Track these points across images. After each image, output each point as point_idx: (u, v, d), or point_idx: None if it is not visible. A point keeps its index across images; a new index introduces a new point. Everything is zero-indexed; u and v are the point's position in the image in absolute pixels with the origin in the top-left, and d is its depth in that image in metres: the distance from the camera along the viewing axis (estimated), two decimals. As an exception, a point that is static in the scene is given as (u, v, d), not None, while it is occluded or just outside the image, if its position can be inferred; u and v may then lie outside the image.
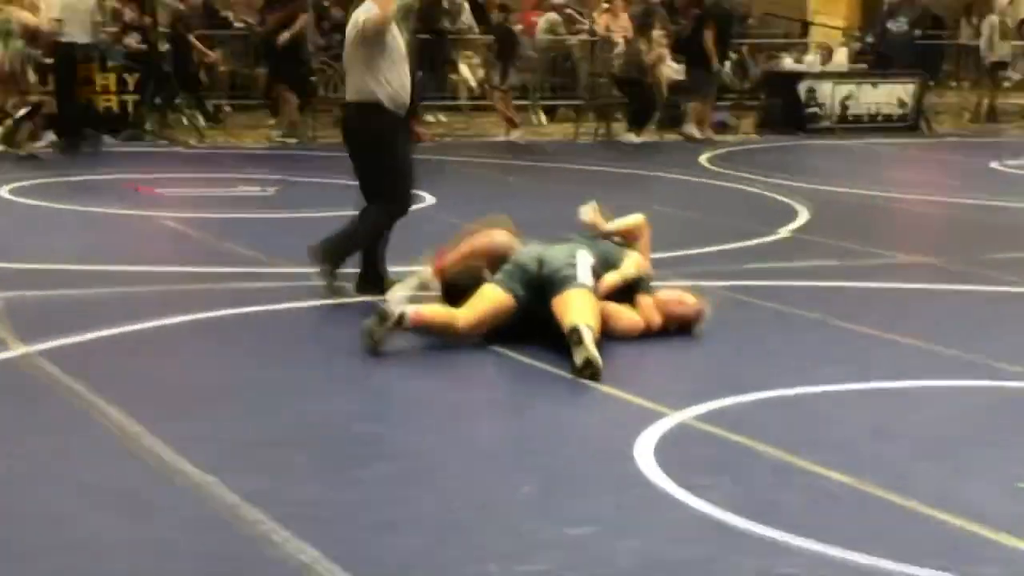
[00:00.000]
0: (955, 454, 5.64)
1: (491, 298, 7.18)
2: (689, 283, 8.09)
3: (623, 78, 18.01)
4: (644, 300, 7.48)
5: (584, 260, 7.17)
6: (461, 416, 6.04)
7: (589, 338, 6.56)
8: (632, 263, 7.41)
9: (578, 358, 6.53)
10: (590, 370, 6.49)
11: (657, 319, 7.48)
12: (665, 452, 5.52)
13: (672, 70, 18.58)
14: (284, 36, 16.57)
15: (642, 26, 18.30)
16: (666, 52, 18.45)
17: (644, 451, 5.52)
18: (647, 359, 7.22)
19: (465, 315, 7.13)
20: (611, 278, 7.37)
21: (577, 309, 6.85)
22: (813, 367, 7.09)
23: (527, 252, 7.29)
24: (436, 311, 7.17)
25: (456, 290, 7.38)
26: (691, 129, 18.19)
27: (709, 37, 17.83)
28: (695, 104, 18.35)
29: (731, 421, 5.98)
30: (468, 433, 5.77)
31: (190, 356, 6.96)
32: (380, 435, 5.66)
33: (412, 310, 6.99)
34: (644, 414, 6.05)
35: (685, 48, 18.64)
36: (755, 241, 10.36)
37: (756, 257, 9.72)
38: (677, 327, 7.53)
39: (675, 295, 7.61)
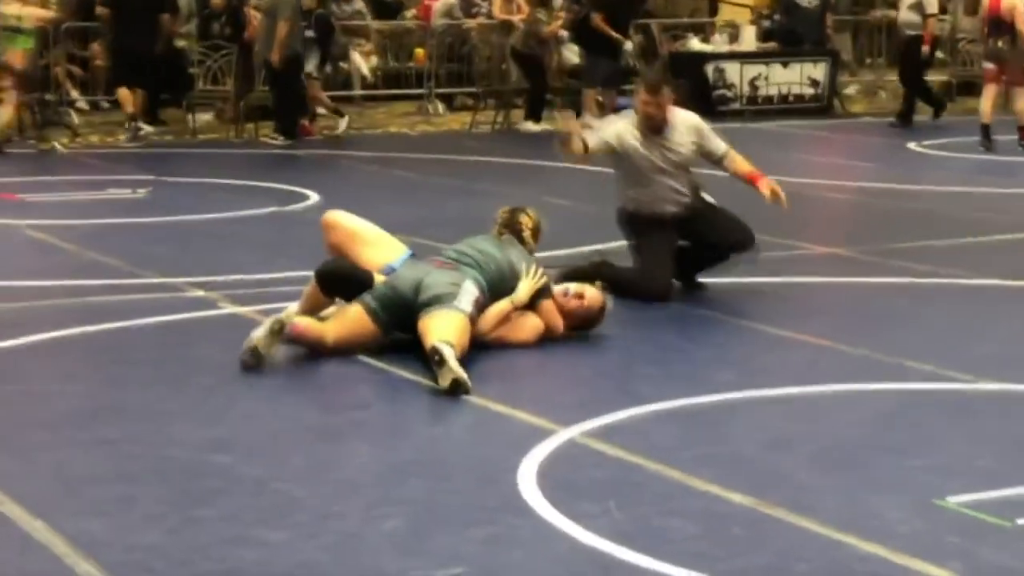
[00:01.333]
0: (862, 466, 5.44)
1: (353, 320, 6.96)
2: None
3: (522, 52, 17.78)
4: (545, 305, 7.25)
5: (469, 289, 6.91)
6: (328, 441, 5.76)
7: (451, 356, 6.31)
8: (525, 288, 7.15)
9: (443, 380, 6.28)
10: (459, 390, 6.25)
11: (559, 323, 7.25)
12: (551, 475, 5.28)
13: (572, 52, 18.41)
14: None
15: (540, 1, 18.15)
16: (564, 33, 18.25)
17: (528, 474, 5.28)
18: (538, 370, 6.99)
19: (334, 331, 6.91)
20: (501, 305, 7.09)
21: (437, 329, 6.59)
22: (713, 372, 6.91)
23: (408, 276, 6.99)
24: (310, 324, 6.93)
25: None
26: (587, 118, 18.01)
27: (598, 19, 17.63)
28: (588, 91, 18.20)
29: (624, 437, 5.76)
30: (333, 461, 5.49)
31: (36, 380, 6.61)
32: (233, 466, 5.36)
33: (290, 320, 6.79)
34: (531, 432, 5.81)
35: (578, 33, 18.44)
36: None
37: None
38: (579, 325, 7.30)
39: (574, 288, 7.37)
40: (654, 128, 8.24)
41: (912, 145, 16.12)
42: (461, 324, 6.74)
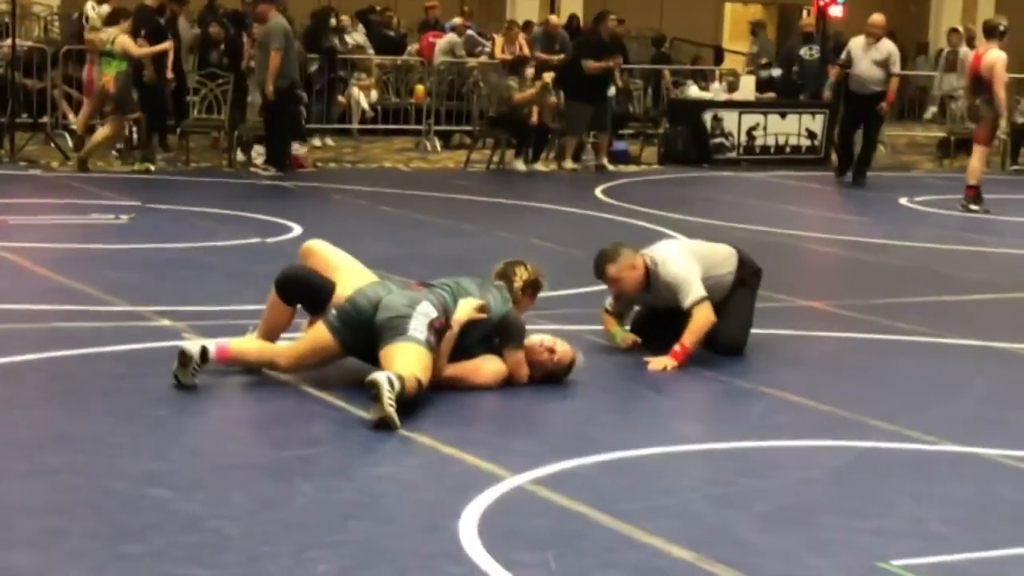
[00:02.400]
0: (810, 525, 5.36)
1: (313, 338, 6.94)
2: (557, 327, 7.80)
3: (496, 118, 17.81)
4: (513, 354, 7.17)
5: (424, 311, 6.83)
6: (272, 479, 5.67)
7: (387, 391, 6.24)
8: (466, 307, 7.05)
9: (372, 414, 6.29)
10: (385, 427, 6.23)
11: (523, 373, 7.18)
12: (493, 522, 5.20)
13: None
14: (148, 75, 16.14)
15: (514, 66, 18.17)
16: (543, 82, 18.21)
17: (470, 521, 5.20)
18: (495, 413, 6.91)
19: (287, 353, 6.92)
20: (450, 333, 7.03)
21: (395, 362, 6.54)
22: (673, 423, 6.86)
23: (369, 293, 6.94)
24: (249, 347, 7.01)
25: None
26: (567, 163, 18.09)
27: (590, 65, 17.64)
28: (568, 138, 18.21)
29: (571, 485, 5.68)
30: (273, 500, 5.39)
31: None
32: (171, 501, 5.27)
33: (215, 345, 6.79)
34: (479, 477, 5.73)
35: (562, 81, 18.46)
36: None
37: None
38: (545, 376, 7.23)
39: (546, 342, 7.29)
40: (634, 301, 8.13)
41: (903, 200, 16.07)
42: (419, 357, 6.66)
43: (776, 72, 21.63)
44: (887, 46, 17.50)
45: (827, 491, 5.83)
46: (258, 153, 16.78)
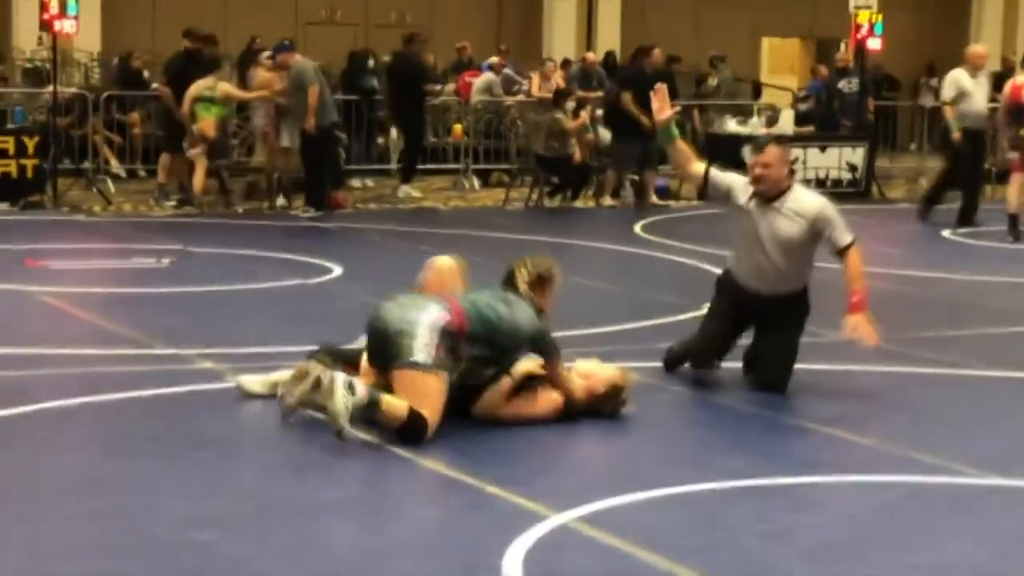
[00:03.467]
0: (858, 561, 5.31)
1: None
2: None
3: (545, 156, 17.84)
4: (554, 369, 7.14)
5: (427, 325, 6.74)
6: (315, 520, 5.66)
7: (343, 413, 6.44)
8: (523, 368, 7.06)
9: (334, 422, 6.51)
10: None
11: (573, 387, 7.14)
12: (536, 562, 5.18)
13: (602, 132, 18.52)
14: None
15: (556, 100, 18.23)
16: (599, 112, 18.31)
17: (514, 561, 5.17)
18: (538, 451, 6.87)
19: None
20: (501, 385, 7.03)
21: (404, 395, 6.64)
22: (719, 458, 6.79)
23: (380, 309, 6.96)
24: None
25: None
26: (606, 200, 18.13)
27: (626, 100, 17.66)
28: (609, 173, 18.24)
29: (617, 523, 5.65)
30: (316, 541, 5.38)
31: (29, 450, 6.55)
32: (215, 544, 5.28)
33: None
34: (523, 516, 5.71)
35: (608, 116, 18.51)
36: (677, 317, 10.02)
37: (676, 335, 9.36)
38: (601, 404, 7.19)
39: (583, 368, 7.28)
40: (763, 194, 7.83)
41: (946, 233, 15.98)
42: (426, 386, 6.65)
43: (803, 107, 21.60)
44: (983, 78, 16.82)
45: (874, 527, 5.78)
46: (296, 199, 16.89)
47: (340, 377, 6.49)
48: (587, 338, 9.28)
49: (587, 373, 7.28)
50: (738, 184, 7.94)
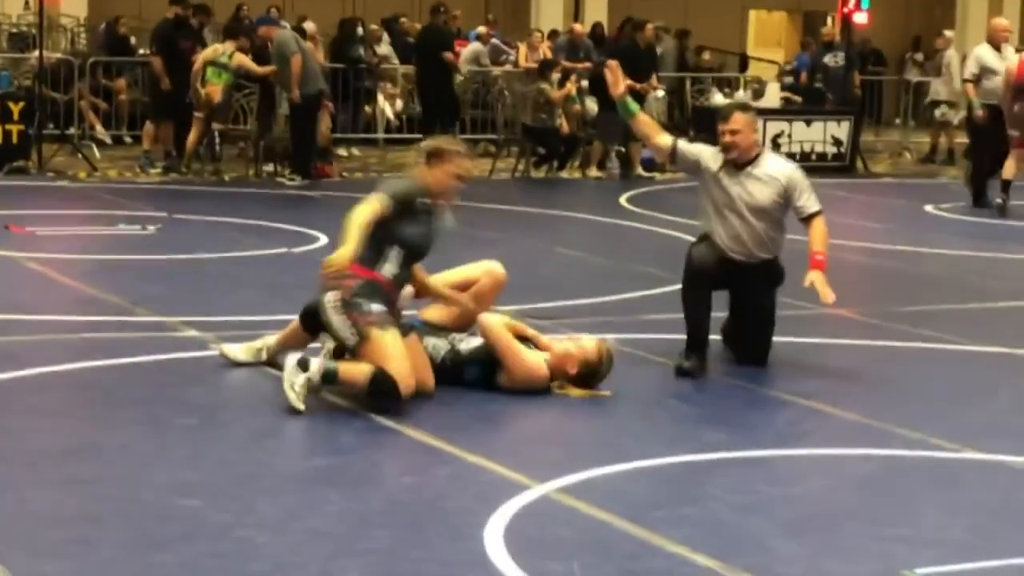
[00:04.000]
0: (834, 532, 5.38)
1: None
2: (577, 335, 7.80)
3: (533, 127, 17.88)
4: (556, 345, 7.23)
5: (329, 308, 6.87)
6: (300, 489, 5.72)
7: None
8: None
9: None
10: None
11: (573, 356, 7.21)
12: (518, 530, 5.24)
13: (590, 104, 18.58)
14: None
15: (542, 71, 18.25)
16: (584, 83, 18.36)
17: (495, 530, 5.24)
18: (519, 422, 6.96)
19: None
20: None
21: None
22: (699, 431, 6.87)
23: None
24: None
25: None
26: (592, 171, 18.18)
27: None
28: (596, 144, 18.27)
29: (597, 494, 5.72)
30: (301, 509, 5.44)
31: (16, 416, 6.59)
32: (200, 511, 5.33)
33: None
34: (506, 486, 5.78)
35: (594, 88, 18.55)
36: (660, 290, 10.07)
37: (659, 307, 9.43)
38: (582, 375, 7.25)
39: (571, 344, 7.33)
40: (734, 161, 7.82)
41: (929, 208, 16.04)
42: (380, 348, 6.74)
43: (786, 80, 21.66)
44: (1010, 51, 16.26)
45: (852, 499, 5.86)
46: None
47: (291, 359, 6.63)
48: (572, 309, 9.35)
49: (562, 354, 7.29)
50: (707, 153, 7.96)
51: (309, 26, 18.54)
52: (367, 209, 6.89)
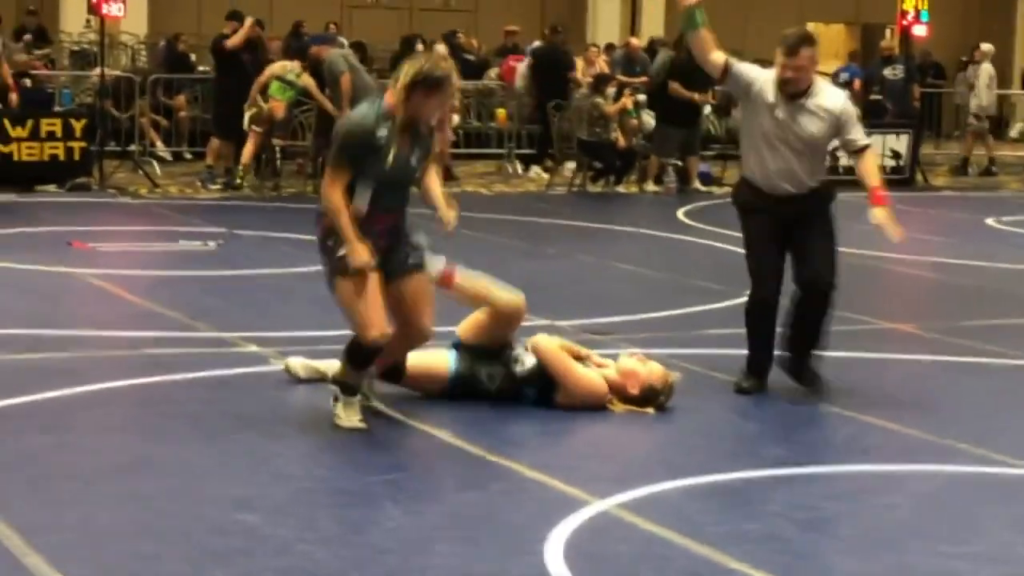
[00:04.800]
0: (897, 549, 5.32)
1: None
2: (643, 351, 7.74)
3: (588, 141, 17.87)
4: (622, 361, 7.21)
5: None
6: (356, 503, 5.72)
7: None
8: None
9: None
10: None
11: (638, 377, 7.17)
12: (578, 546, 5.22)
13: (647, 118, 18.55)
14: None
15: (596, 85, 18.24)
16: (642, 98, 18.35)
17: (556, 546, 5.22)
18: (578, 438, 6.93)
19: None
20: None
21: None
22: (759, 447, 6.83)
23: None
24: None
25: None
26: (649, 185, 18.13)
27: (675, 87, 17.62)
28: (652, 159, 18.24)
29: (658, 510, 5.69)
30: (361, 524, 5.45)
31: (78, 431, 6.63)
32: (260, 527, 5.34)
33: None
34: (565, 502, 5.76)
35: (652, 102, 18.54)
36: (720, 304, 10.04)
37: (719, 322, 9.40)
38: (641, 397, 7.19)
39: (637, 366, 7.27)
40: (790, 93, 7.50)
41: (990, 221, 15.91)
42: (342, 297, 6.78)
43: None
44: None
45: (914, 516, 5.80)
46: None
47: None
48: (630, 324, 9.33)
49: (628, 371, 7.26)
50: (761, 79, 7.59)
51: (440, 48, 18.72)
52: (334, 192, 6.58)
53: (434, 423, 6.80)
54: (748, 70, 7.71)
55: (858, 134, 7.69)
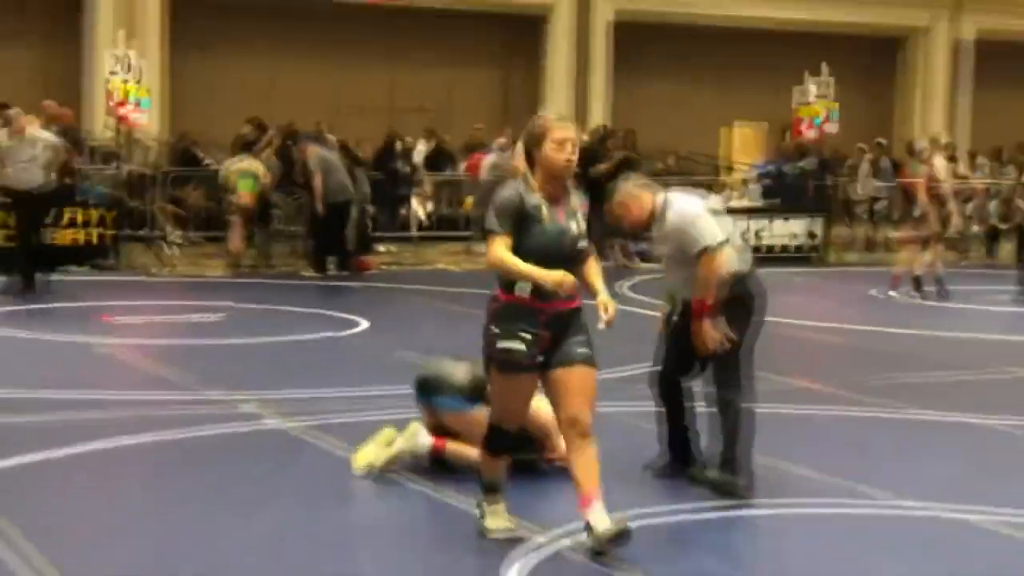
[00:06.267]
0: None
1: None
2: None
3: None
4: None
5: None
6: (321, 549, 5.65)
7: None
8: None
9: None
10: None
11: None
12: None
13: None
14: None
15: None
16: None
17: (515, 577, 5.19)
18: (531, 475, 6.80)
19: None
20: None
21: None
22: (683, 489, 6.74)
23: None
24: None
25: None
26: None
27: (599, 171, 17.80)
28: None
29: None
30: (323, 568, 5.38)
31: (88, 489, 6.54)
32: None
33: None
34: (520, 540, 5.70)
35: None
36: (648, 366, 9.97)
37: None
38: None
39: None
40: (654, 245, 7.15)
41: (893, 293, 15.94)
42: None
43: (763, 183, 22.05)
44: None
45: (824, 553, 5.79)
46: (330, 262, 16.94)
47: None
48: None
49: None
50: None
51: None
52: (501, 253, 5.56)
53: (410, 476, 6.75)
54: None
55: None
